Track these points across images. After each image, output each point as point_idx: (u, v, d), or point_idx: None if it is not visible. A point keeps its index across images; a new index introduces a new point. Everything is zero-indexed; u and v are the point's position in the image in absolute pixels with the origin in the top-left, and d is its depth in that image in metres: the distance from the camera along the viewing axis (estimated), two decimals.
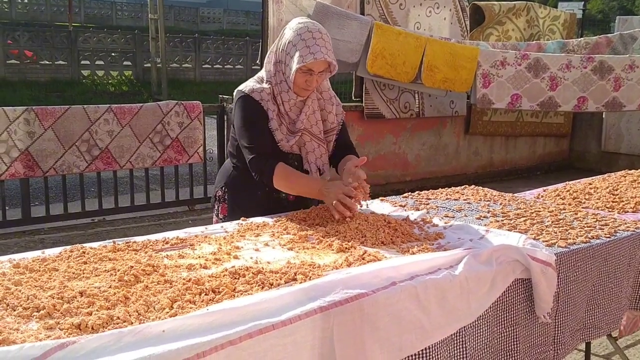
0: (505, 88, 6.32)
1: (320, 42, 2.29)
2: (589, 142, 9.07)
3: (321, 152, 2.51)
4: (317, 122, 2.50)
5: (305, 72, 2.31)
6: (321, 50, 2.28)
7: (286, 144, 2.43)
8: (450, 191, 2.94)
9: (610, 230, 2.27)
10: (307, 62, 2.27)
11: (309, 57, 2.27)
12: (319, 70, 2.33)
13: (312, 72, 2.32)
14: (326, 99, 2.54)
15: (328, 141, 2.56)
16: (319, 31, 2.33)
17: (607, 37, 7.14)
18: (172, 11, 32.35)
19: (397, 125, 7.37)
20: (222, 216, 2.62)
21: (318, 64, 2.31)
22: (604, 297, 2.26)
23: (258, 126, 2.40)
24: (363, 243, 1.97)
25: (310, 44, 2.28)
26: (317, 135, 2.50)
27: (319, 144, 2.51)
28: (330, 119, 2.54)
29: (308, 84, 2.35)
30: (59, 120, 5.14)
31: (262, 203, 2.49)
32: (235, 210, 2.52)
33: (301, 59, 2.27)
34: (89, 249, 1.89)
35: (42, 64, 17.68)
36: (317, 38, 2.30)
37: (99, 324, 1.32)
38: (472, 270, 1.77)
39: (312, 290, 1.51)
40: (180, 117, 5.73)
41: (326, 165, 2.54)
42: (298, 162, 2.49)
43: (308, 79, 2.33)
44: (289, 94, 2.39)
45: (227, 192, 2.60)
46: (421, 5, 7.00)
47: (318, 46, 2.28)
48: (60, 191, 5.72)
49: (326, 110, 2.54)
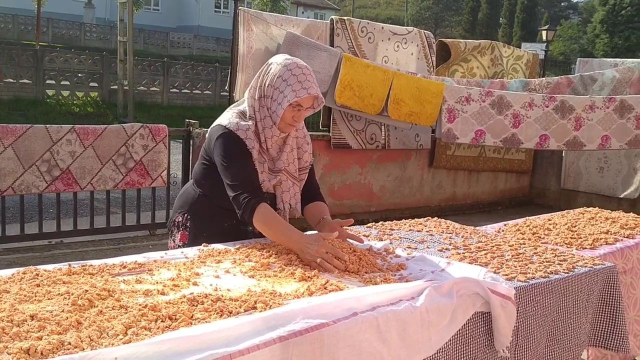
0: (469, 123, 6.44)
1: (310, 77, 2.31)
2: (549, 179, 9.27)
3: (295, 191, 2.50)
4: (294, 160, 2.49)
5: (295, 107, 2.31)
6: (312, 85, 2.30)
7: (267, 184, 2.41)
8: (414, 222, 2.96)
9: (568, 266, 2.30)
10: (301, 97, 2.27)
11: (302, 92, 2.27)
12: (307, 105, 2.35)
13: (300, 108, 2.33)
14: (301, 138, 2.54)
15: (301, 179, 2.54)
16: (307, 68, 2.34)
17: (568, 77, 7.36)
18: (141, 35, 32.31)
19: (363, 156, 7.43)
20: (180, 243, 2.55)
21: (308, 99, 2.32)
22: (563, 333, 2.28)
23: (242, 164, 2.34)
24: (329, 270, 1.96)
25: (302, 80, 2.28)
26: (292, 174, 2.49)
27: (293, 183, 2.49)
28: (305, 157, 2.54)
29: (295, 119, 2.35)
30: (19, 139, 5.03)
31: (227, 234, 2.43)
32: (197, 238, 2.44)
33: (294, 94, 2.26)
34: (43, 272, 1.83)
35: (6, 82, 17.35)
36: (307, 74, 2.31)
37: (48, 349, 1.27)
38: (433, 302, 1.77)
39: (271, 319, 1.49)
40: (145, 140, 5.66)
41: (298, 204, 2.52)
42: (271, 200, 2.43)
43: (296, 115, 2.33)
44: (273, 130, 2.36)
45: (189, 220, 2.53)
46: (389, 39, 7.12)
47: (309, 82, 2.29)
48: (17, 211, 5.57)
49: (302, 149, 2.53)
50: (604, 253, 2.64)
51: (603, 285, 2.42)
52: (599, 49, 38.03)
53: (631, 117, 6.69)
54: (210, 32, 38.48)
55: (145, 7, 35.27)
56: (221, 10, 42.41)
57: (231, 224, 2.45)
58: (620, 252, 2.74)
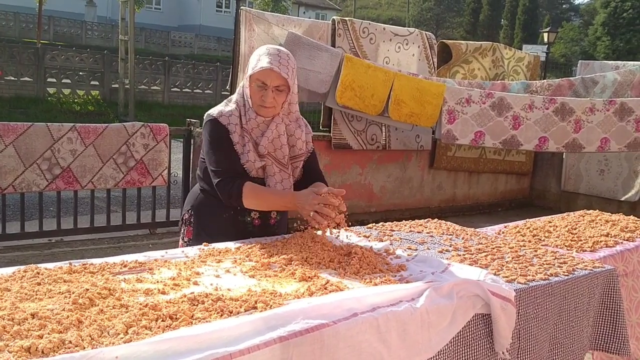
0: (469, 125, 6.44)
1: (274, 57, 2.30)
2: (549, 181, 9.27)
3: (282, 177, 2.47)
4: (282, 146, 2.46)
5: (260, 85, 2.32)
6: (272, 62, 2.28)
7: (252, 166, 2.40)
8: (414, 224, 2.96)
9: (568, 269, 2.30)
10: (255, 70, 2.29)
11: (257, 66, 2.29)
12: (273, 84, 2.32)
13: (265, 86, 2.32)
14: (295, 125, 2.51)
15: (294, 167, 2.52)
16: (277, 49, 2.35)
17: (569, 80, 7.35)
18: (143, 33, 32.33)
19: (364, 157, 7.43)
20: (187, 239, 2.59)
21: (269, 76, 2.30)
22: (565, 336, 2.28)
23: (224, 150, 2.39)
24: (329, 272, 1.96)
25: (262, 57, 2.31)
26: (279, 160, 2.47)
27: (280, 169, 2.47)
28: (298, 145, 2.51)
29: (263, 99, 2.33)
30: (20, 137, 5.04)
31: (227, 227, 2.46)
32: (200, 234, 2.49)
33: (251, 70, 2.32)
34: (44, 270, 1.83)
35: (7, 79, 17.36)
36: (273, 54, 2.32)
37: (49, 347, 1.27)
38: (434, 303, 1.77)
39: (272, 319, 1.49)
40: (146, 139, 5.66)
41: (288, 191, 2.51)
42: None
43: (263, 94, 2.33)
44: (249, 112, 2.40)
45: (193, 215, 2.57)
46: (391, 40, 7.12)
47: (269, 58, 2.30)
48: (17, 209, 5.57)
49: (295, 135, 2.50)
50: (604, 256, 2.65)
51: (603, 288, 2.42)
52: (600, 52, 38.02)
53: (631, 120, 6.69)
54: (211, 32, 38.49)
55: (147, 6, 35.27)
56: (222, 10, 42.43)
57: (230, 215, 2.46)
58: (621, 255, 2.74)
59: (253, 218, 2.48)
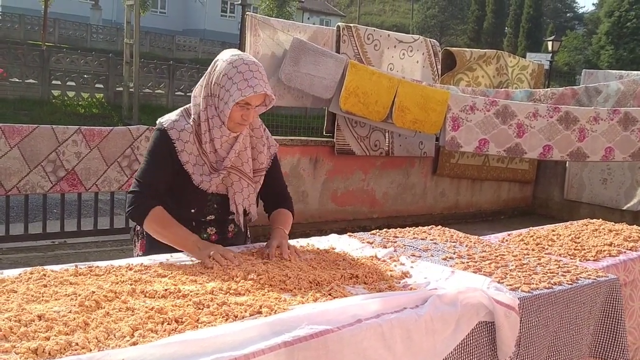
0: (473, 132, 6.45)
1: (257, 74, 2.19)
2: (552, 189, 9.27)
3: (249, 192, 2.39)
4: (248, 159, 2.38)
5: (243, 106, 2.21)
6: (260, 83, 2.18)
7: (207, 184, 2.29)
8: (418, 230, 2.96)
9: (572, 277, 2.31)
10: (247, 95, 2.16)
11: (248, 90, 2.16)
12: (257, 104, 2.24)
13: (249, 107, 2.22)
14: (257, 137, 2.43)
15: (256, 181, 2.44)
16: (255, 64, 2.23)
17: (572, 88, 7.36)
18: (147, 37, 32.42)
19: (367, 163, 7.44)
20: (140, 252, 2.47)
21: (257, 97, 2.21)
22: (564, 344, 2.28)
23: (157, 165, 2.28)
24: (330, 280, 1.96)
25: (248, 77, 2.18)
26: (247, 173, 2.38)
27: (247, 184, 2.38)
28: (260, 158, 2.43)
29: (244, 118, 2.23)
30: (25, 138, 5.05)
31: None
32: (152, 247, 2.35)
33: (240, 93, 2.16)
34: (50, 272, 1.84)
35: (11, 81, 17.41)
36: (254, 71, 2.20)
37: (56, 349, 1.28)
38: (438, 310, 1.78)
39: (277, 324, 1.50)
40: None
41: (253, 207, 2.43)
42: (219, 203, 2.37)
43: (245, 114, 2.22)
44: (222, 129, 2.26)
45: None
46: (395, 47, 7.14)
47: (256, 79, 2.18)
48: (21, 211, 5.58)
49: (257, 149, 2.42)
50: (607, 265, 2.65)
51: (605, 297, 2.42)
52: (604, 61, 38.04)
53: (635, 130, 6.69)
54: (215, 36, 38.61)
55: (152, 10, 35.43)
56: (227, 15, 42.58)
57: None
58: (623, 265, 2.74)
59: (210, 234, 2.39)
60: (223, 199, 2.36)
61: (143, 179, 2.28)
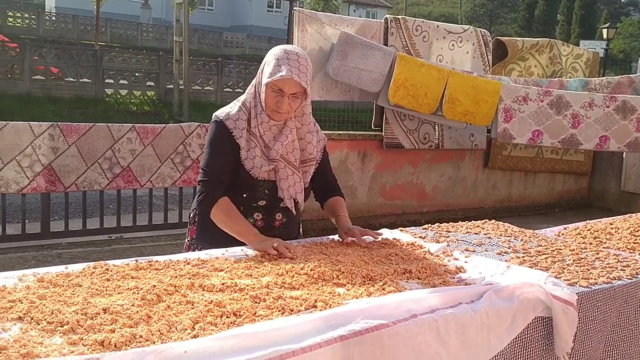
0: (526, 124, 6.32)
1: (293, 63, 2.25)
2: (609, 181, 8.99)
3: (295, 180, 2.43)
4: (294, 150, 2.42)
5: (276, 91, 2.26)
6: (291, 69, 2.23)
7: (259, 170, 2.36)
8: (471, 225, 2.93)
9: (632, 272, 2.25)
10: (274, 79, 2.23)
11: (277, 74, 2.23)
12: (290, 92, 2.26)
13: (282, 93, 2.26)
14: (306, 129, 2.47)
15: (304, 172, 2.48)
16: (297, 54, 2.28)
17: (629, 77, 7.13)
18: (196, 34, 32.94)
19: (416, 156, 7.38)
20: (189, 238, 2.60)
21: (287, 83, 2.25)
22: (622, 340, 2.23)
23: (221, 154, 2.37)
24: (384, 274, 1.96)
25: (281, 63, 2.24)
26: (292, 162, 2.42)
27: (293, 172, 2.42)
28: (309, 149, 2.47)
29: (279, 105, 2.28)
30: (82, 137, 5.21)
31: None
32: (202, 233, 2.50)
33: (269, 75, 2.25)
34: (112, 266, 1.90)
35: (67, 80, 18.00)
36: (292, 59, 2.25)
37: (121, 341, 1.33)
38: (493, 305, 1.76)
39: (332, 318, 1.51)
40: (202, 139, 5.78)
41: (300, 195, 2.46)
42: (270, 189, 2.41)
43: (279, 100, 2.27)
44: (262, 115, 2.34)
45: (197, 214, 2.56)
46: (444, 38, 7.05)
47: (289, 66, 2.23)
48: (79, 207, 5.77)
49: (305, 139, 2.46)
50: None
51: None
52: None
53: None
54: (262, 32, 38.91)
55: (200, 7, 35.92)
56: (273, 10, 42.83)
57: None
58: None
59: (256, 219, 2.44)
60: (274, 185, 2.43)
61: (209, 168, 2.38)
